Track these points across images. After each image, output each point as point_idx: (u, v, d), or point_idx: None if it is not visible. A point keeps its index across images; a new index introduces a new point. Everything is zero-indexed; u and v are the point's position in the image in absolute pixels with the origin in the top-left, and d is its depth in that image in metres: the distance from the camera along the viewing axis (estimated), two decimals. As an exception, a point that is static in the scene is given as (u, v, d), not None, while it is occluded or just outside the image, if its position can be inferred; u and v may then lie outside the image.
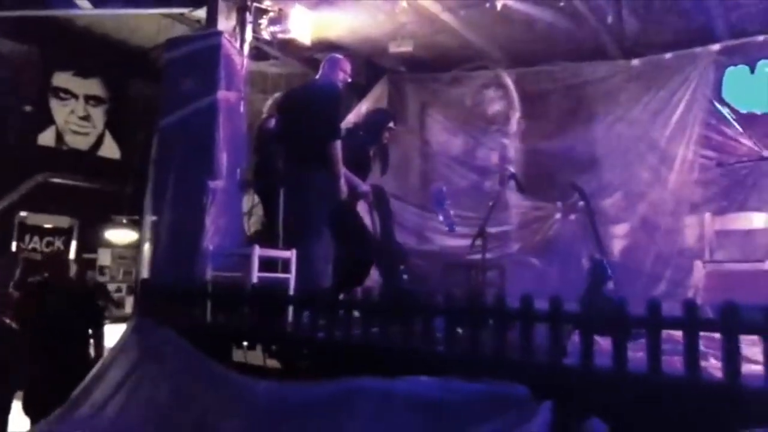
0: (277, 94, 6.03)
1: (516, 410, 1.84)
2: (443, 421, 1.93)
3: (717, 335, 1.93)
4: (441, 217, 4.20)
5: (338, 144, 3.99)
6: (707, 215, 4.86)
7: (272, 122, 4.86)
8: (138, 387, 2.97)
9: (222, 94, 4.18)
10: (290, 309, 3.16)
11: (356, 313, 2.86)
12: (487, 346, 2.25)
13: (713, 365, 2.07)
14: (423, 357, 2.35)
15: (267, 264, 4.08)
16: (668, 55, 5.84)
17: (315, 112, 4.02)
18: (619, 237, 5.76)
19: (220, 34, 4.33)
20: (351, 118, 5.54)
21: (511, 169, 4.86)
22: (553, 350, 2.06)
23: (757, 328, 1.80)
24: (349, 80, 4.38)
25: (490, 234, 5.42)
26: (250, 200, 5.09)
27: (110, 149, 9.30)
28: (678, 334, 1.98)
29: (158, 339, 3.15)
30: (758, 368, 1.89)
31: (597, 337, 2.11)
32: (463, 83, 6.67)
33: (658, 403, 1.82)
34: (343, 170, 4.28)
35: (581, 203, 5.68)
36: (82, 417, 3.03)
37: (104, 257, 9.15)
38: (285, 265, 4.05)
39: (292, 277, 3.94)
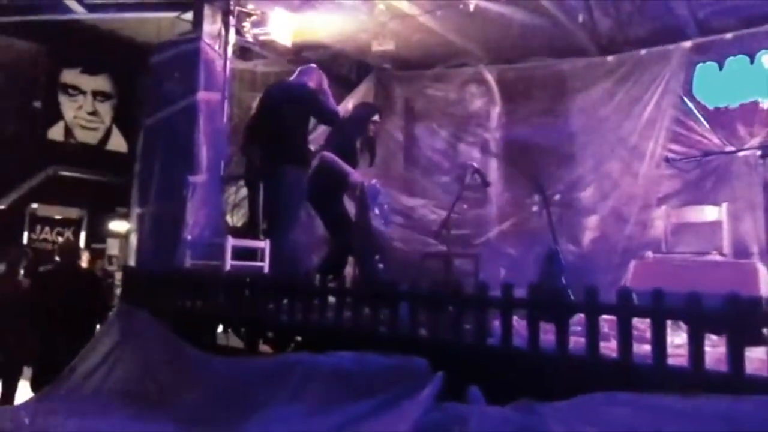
0: (264, 93, 6.31)
1: (414, 380, 2.15)
2: (355, 388, 2.25)
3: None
4: (376, 211, 4.48)
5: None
6: (664, 208, 5.06)
7: None
8: (115, 364, 3.32)
9: (202, 94, 4.48)
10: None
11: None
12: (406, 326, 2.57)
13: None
14: (350, 336, 2.66)
15: (247, 253, 4.38)
16: (642, 52, 5.98)
17: (286, 109, 4.30)
18: (591, 228, 5.98)
19: (199, 39, 4.61)
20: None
21: (474, 164, 5.09)
22: (454, 330, 2.35)
23: (613, 310, 2.07)
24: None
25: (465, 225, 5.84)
26: (234, 194, 5.39)
27: (118, 143, 9.62)
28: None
29: (136, 322, 3.50)
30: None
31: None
32: (446, 80, 6.90)
33: (536, 374, 2.12)
34: (335, 158, 4.53)
35: (555, 196, 6.01)
36: (66, 391, 3.39)
37: (113, 247, 9.53)
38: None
39: (265, 265, 4.25)
